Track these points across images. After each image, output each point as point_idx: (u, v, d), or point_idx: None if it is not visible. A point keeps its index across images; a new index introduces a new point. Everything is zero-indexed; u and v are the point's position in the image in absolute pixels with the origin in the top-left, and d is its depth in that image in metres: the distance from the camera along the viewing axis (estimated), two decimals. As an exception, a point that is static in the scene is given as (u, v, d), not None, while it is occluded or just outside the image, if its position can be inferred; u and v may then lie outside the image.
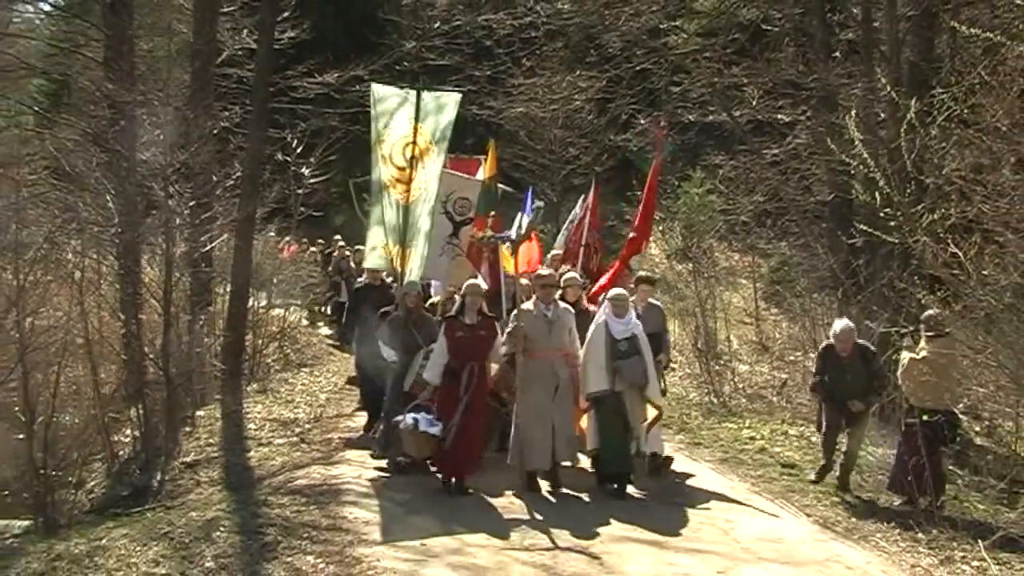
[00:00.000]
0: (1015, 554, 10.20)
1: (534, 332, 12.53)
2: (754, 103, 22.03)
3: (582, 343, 12.71)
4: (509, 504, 11.92)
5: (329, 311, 29.54)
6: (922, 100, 12.71)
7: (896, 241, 12.42)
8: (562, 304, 13.00)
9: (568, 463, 12.71)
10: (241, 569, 9.55)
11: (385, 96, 15.31)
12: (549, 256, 18.05)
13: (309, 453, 14.37)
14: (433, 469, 12.63)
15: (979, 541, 10.47)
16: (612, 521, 11.20)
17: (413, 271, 14.29)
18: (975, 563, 10.10)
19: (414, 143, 14.52)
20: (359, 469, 13.16)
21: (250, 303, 19.63)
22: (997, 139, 11.26)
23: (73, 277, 16.09)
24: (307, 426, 16.28)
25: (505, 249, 15.24)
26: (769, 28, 23.62)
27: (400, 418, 12.43)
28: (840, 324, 13.23)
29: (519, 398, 12.56)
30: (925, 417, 11.65)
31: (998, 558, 10.10)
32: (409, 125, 14.66)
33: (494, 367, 13.11)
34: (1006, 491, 11.94)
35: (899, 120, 12.34)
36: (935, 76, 15.17)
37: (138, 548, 10.24)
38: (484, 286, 13.67)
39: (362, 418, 16.07)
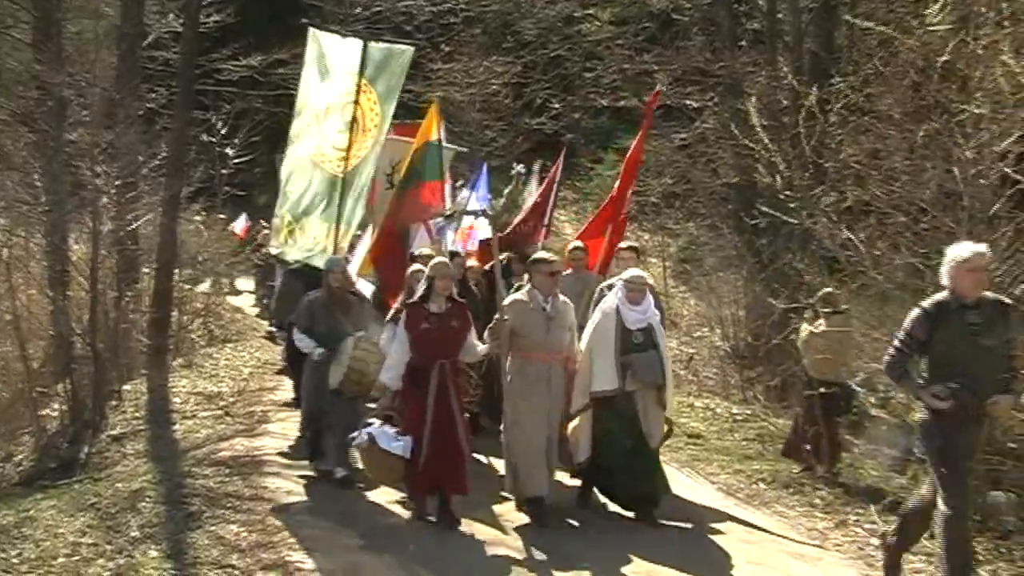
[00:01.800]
0: (904, 516, 10.51)
1: (529, 329, 10.11)
2: (664, 89, 22.26)
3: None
4: (496, 536, 9.82)
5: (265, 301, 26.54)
6: (822, 89, 12.97)
7: (796, 222, 12.68)
8: (562, 297, 10.43)
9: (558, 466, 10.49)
10: (166, 538, 9.60)
11: (323, 43, 13.52)
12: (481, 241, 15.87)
13: (233, 426, 14.38)
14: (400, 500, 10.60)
15: (871, 505, 10.78)
16: (633, 558, 9.25)
17: (355, 260, 13.19)
18: (868, 526, 10.41)
19: (356, 103, 12.83)
20: (281, 441, 13.17)
21: (176, 280, 19.59)
22: (890, 127, 11.55)
23: (1, 255, 15.95)
24: (231, 399, 16.28)
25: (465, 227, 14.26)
26: (679, 17, 23.83)
27: (355, 432, 10.23)
28: (971, 248, 8.02)
29: (509, 410, 10.25)
30: (823, 389, 11.93)
31: (889, 520, 10.40)
32: (352, 81, 12.94)
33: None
34: (897, 458, 12.25)
35: (800, 107, 12.58)
36: (834, 66, 15.45)
37: (65, 519, 10.27)
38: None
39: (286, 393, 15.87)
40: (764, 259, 16.83)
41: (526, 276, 11.10)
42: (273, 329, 16.71)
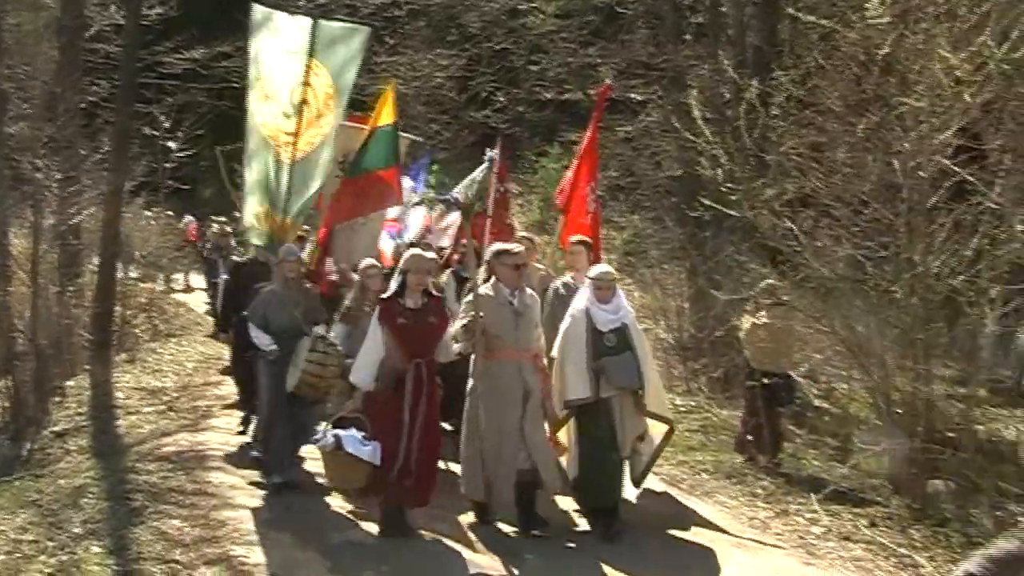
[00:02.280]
0: (844, 506, 10.61)
1: (497, 325, 9.36)
2: (608, 82, 22.30)
3: None
4: (470, 554, 9.11)
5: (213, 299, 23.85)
6: (764, 82, 13.04)
7: (738, 215, 12.75)
8: (528, 290, 9.76)
9: (557, 489, 9.91)
10: (109, 534, 9.47)
11: (269, 21, 12.53)
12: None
13: (176, 421, 14.21)
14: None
15: (812, 495, 10.87)
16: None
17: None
18: (808, 515, 10.50)
19: (307, 84, 11.99)
20: (225, 435, 13.08)
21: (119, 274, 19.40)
22: (832, 120, 11.64)
23: (-60, 250, 15.73)
24: (174, 394, 16.11)
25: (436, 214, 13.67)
26: (623, 11, 23.87)
27: (319, 434, 9.57)
28: None
29: (473, 414, 9.46)
30: (765, 380, 12.01)
31: (829, 509, 10.51)
32: (301, 62, 12.08)
33: None
34: (839, 448, 12.37)
35: (742, 101, 12.63)
36: (776, 60, 15.53)
37: (6, 516, 10.14)
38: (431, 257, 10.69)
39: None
40: (707, 251, 16.91)
41: (481, 270, 10.31)
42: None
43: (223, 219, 25.62)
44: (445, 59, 32.72)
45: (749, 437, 12.25)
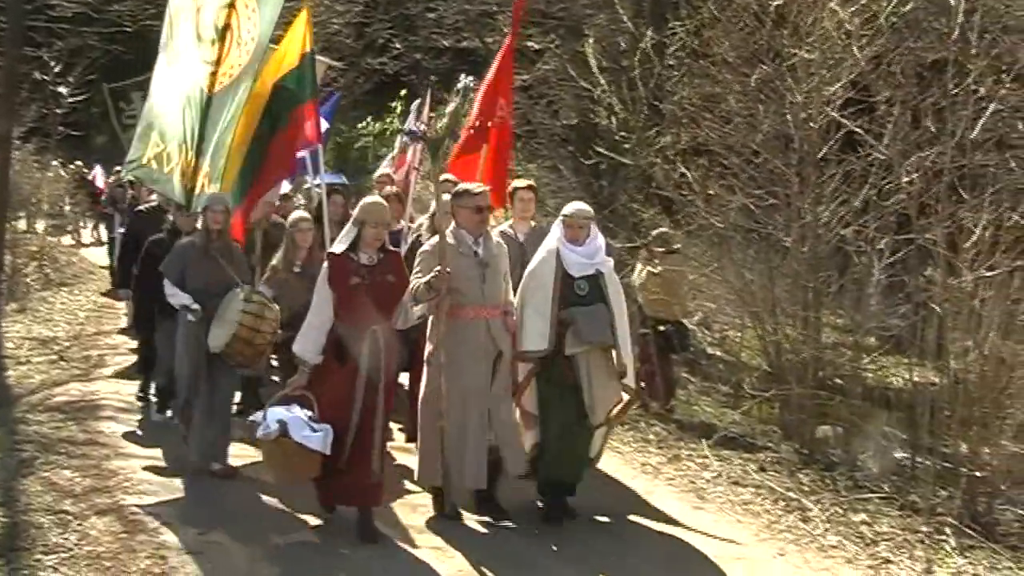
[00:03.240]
0: (735, 451, 10.75)
1: (460, 279, 8.12)
2: (506, 30, 22.14)
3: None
4: (430, 545, 8.04)
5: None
6: (660, 32, 13.06)
7: (633, 163, 12.79)
8: (495, 237, 8.74)
9: (521, 473, 8.47)
10: (-3, 485, 9.27)
11: None
12: (375, 176, 13.81)
13: (68, 370, 13.92)
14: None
15: (703, 440, 11.00)
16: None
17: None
18: (699, 460, 10.61)
19: (231, 7, 10.58)
20: (116, 385, 12.86)
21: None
22: (725, 71, 11.69)
23: None
24: (66, 344, 15.77)
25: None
26: (522, -42, 23.66)
27: (257, 417, 8.02)
28: None
29: (434, 386, 8.25)
30: (659, 327, 12.09)
31: (720, 455, 10.64)
32: None
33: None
34: (731, 395, 12.52)
35: (638, 50, 12.64)
36: (673, 10, 15.54)
37: None
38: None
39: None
40: (602, 200, 16.94)
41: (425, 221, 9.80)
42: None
43: (117, 169, 22.11)
44: (341, 5, 32.26)
45: (642, 384, 12.32)
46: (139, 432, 10.97)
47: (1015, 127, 10.05)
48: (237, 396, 10.50)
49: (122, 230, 15.55)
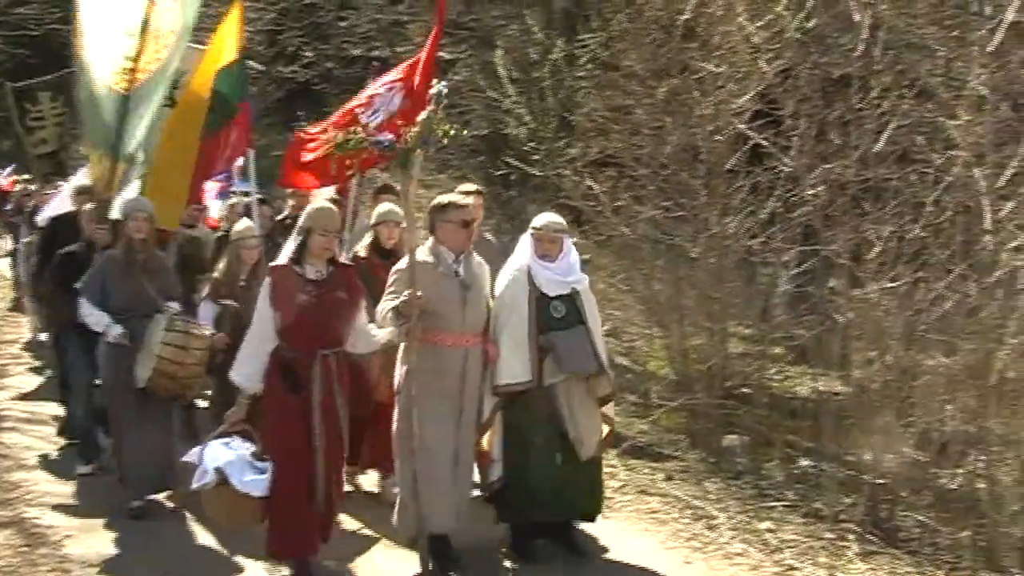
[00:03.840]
0: (642, 460, 10.75)
1: (439, 302, 7.08)
2: (417, 40, 22.10)
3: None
4: None
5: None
6: (570, 44, 13.08)
7: (542, 174, 12.80)
8: (476, 256, 7.51)
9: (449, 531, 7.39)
10: None
11: None
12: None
13: (-33, 381, 13.60)
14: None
15: (611, 450, 10.99)
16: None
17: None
18: (607, 469, 10.59)
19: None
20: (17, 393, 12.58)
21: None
22: (634, 83, 11.74)
23: None
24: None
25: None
26: (432, -32, 23.65)
27: (192, 457, 6.98)
28: None
29: (405, 425, 7.17)
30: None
31: (627, 464, 10.64)
32: None
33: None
34: (639, 404, 12.54)
35: (549, 61, 12.64)
36: (583, 22, 15.60)
37: None
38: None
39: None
40: (511, 211, 16.95)
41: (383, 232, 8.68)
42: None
43: (26, 178, 21.75)
44: (254, 12, 31.97)
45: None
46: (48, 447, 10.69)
47: (916, 141, 10.19)
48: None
49: (29, 239, 14.69)
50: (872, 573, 8.04)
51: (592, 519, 8.01)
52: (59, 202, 12.74)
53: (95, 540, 8.10)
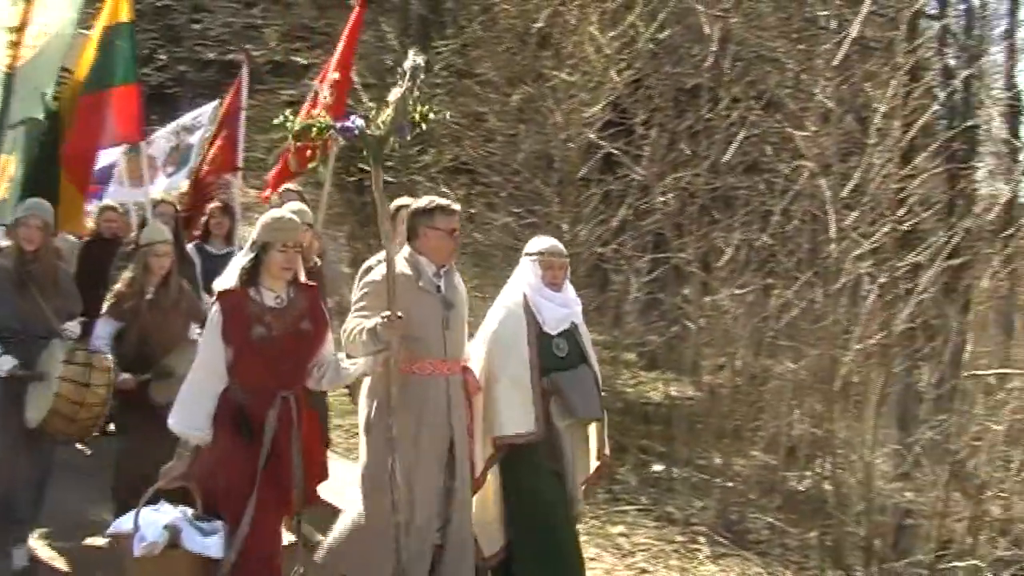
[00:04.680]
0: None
1: (419, 322, 5.78)
2: (272, 44, 21.76)
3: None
4: None
5: None
6: (426, 51, 12.96)
7: (395, 180, 12.65)
8: (456, 272, 6.26)
9: None
10: None
11: None
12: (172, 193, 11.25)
13: None
14: None
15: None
16: None
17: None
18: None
19: None
20: None
21: None
22: (488, 90, 11.68)
23: None
24: None
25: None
26: (287, -27, 23.33)
27: (120, 527, 5.39)
28: None
29: (378, 469, 5.71)
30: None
31: (483, 471, 10.55)
32: None
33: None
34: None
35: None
36: (439, 30, 15.51)
37: None
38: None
39: None
40: (362, 218, 16.78)
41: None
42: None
43: None
44: (105, 14, 31.18)
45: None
46: None
47: (765, 151, 10.33)
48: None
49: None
50: (723, 574, 8.10)
51: None
52: None
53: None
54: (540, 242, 6.60)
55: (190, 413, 5.45)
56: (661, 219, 9.95)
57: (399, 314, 5.52)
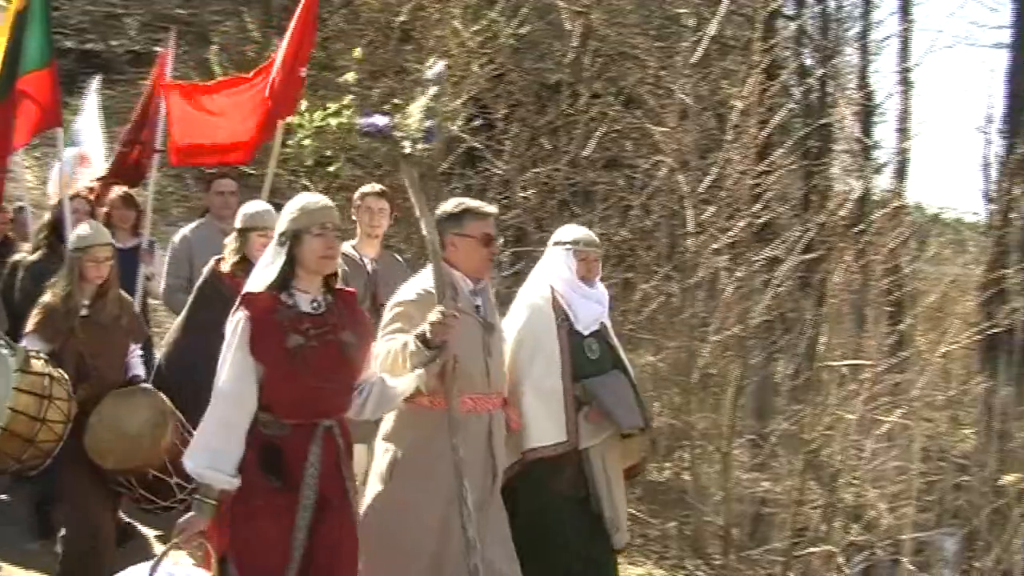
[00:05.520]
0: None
1: (459, 350, 4.64)
2: (132, 34, 21.32)
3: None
4: None
5: None
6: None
7: (256, 173, 12.46)
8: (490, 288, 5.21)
9: None
10: None
11: None
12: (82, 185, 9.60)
13: None
14: None
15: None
16: None
17: None
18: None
19: None
20: None
21: None
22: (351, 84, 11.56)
23: None
24: None
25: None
26: (149, -39, 22.88)
27: None
28: None
29: (414, 518, 4.71)
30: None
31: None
32: None
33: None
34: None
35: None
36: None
37: None
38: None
39: None
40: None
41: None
42: None
43: None
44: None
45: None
46: None
47: (624, 147, 10.39)
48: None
49: None
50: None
51: None
52: None
53: None
54: (573, 231, 5.75)
55: (216, 453, 4.12)
56: (522, 214, 9.94)
57: (455, 312, 4.56)
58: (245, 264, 5.83)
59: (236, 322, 4.19)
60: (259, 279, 4.30)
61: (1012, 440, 11.28)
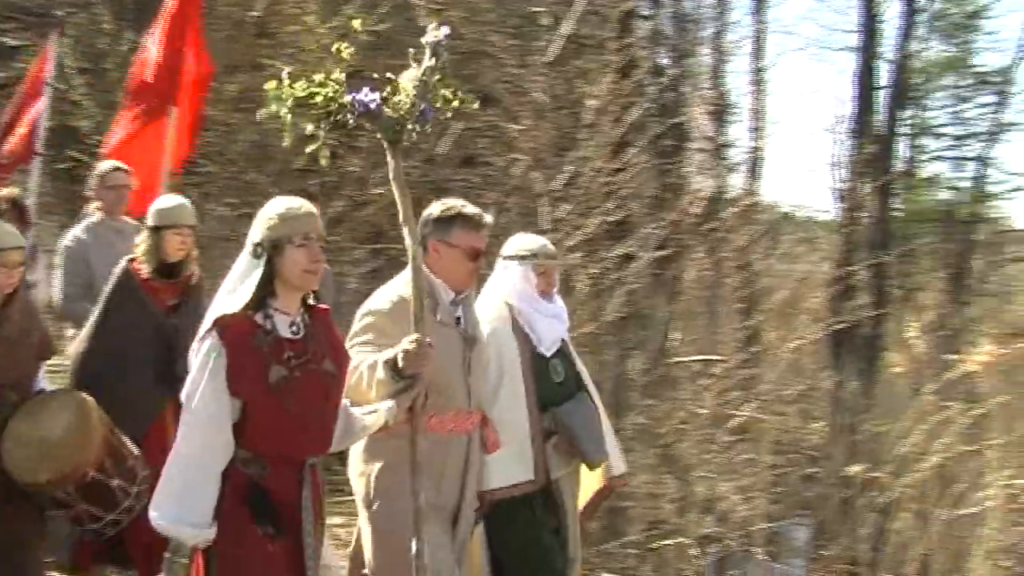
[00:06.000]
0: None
1: (439, 366, 4.16)
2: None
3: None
4: None
5: None
6: (140, 36, 12.55)
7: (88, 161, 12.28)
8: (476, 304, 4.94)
9: None
10: None
11: None
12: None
13: None
14: None
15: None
16: None
17: None
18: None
19: None
20: None
21: None
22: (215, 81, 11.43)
23: None
24: None
25: None
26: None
27: None
28: None
29: (391, 538, 4.32)
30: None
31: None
32: None
33: None
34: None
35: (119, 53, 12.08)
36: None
37: None
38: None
39: None
40: (76, 207, 16.14)
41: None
42: None
43: None
44: None
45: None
46: None
47: (480, 145, 10.41)
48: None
49: None
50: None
51: None
52: None
53: None
54: (527, 241, 5.15)
55: (184, 503, 3.53)
56: (377, 211, 9.89)
57: (428, 340, 4.01)
58: (159, 265, 5.49)
59: (208, 350, 3.59)
60: (231, 297, 3.68)
61: (859, 433, 11.56)
